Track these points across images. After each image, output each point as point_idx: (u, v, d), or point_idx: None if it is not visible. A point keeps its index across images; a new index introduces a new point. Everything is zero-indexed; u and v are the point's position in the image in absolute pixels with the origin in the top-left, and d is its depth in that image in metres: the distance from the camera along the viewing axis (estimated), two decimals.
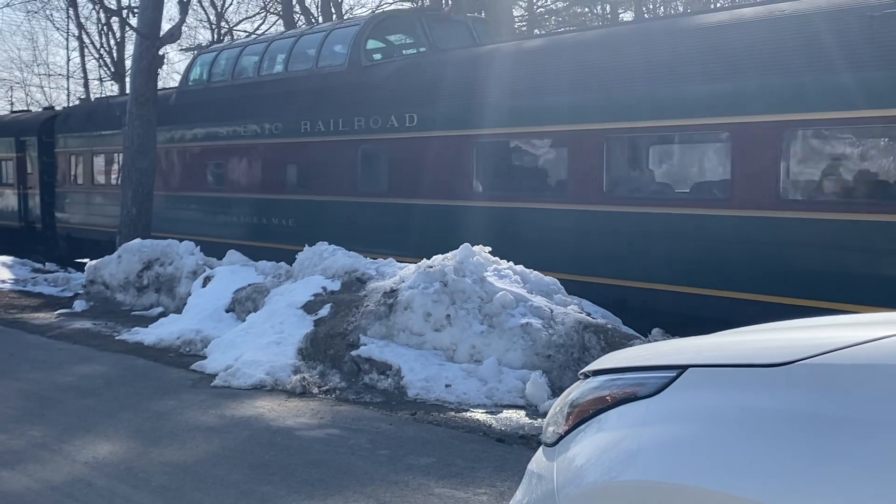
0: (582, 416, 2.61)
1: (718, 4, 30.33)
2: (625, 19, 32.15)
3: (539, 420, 7.23)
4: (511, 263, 9.60)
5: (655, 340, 8.66)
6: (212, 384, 8.50)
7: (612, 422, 2.49)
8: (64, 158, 21.28)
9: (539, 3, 31.41)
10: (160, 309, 12.81)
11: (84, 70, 39.21)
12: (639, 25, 13.71)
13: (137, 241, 14.12)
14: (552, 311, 8.67)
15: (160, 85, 16.71)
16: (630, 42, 10.60)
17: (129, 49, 26.02)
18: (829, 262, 8.37)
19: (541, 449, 2.83)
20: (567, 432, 2.63)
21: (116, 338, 11.02)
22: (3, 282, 17.02)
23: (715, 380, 2.35)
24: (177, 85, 19.91)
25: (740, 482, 2.08)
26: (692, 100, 9.35)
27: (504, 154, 12.05)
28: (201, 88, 17.18)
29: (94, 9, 31.22)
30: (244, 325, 9.93)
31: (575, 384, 2.82)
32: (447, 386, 8.04)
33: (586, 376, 2.79)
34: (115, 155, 18.95)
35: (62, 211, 21.24)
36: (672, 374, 2.43)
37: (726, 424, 2.21)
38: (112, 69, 32.47)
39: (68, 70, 44.46)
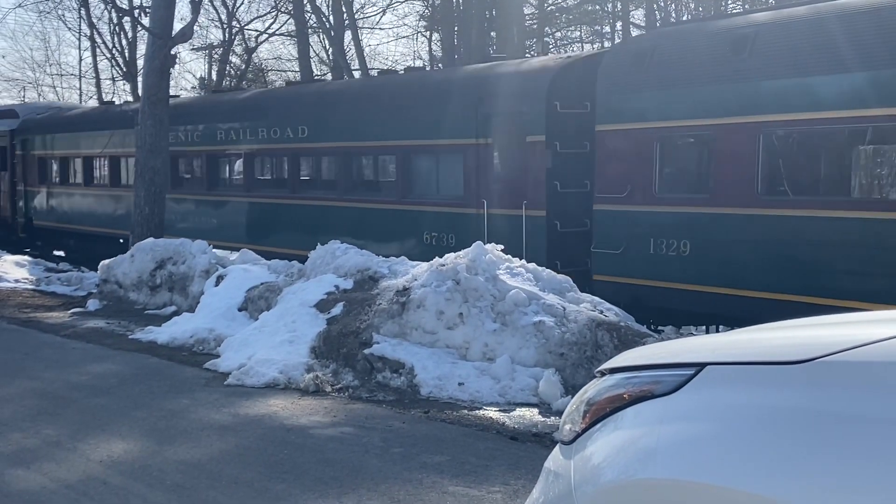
0: (598, 414, 2.61)
1: (730, 3, 30.24)
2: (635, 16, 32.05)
3: (552, 418, 7.22)
4: (523, 261, 9.54)
5: (668, 338, 8.64)
6: (225, 383, 8.52)
7: (629, 420, 2.48)
8: (626, 143, 10.65)
9: (550, 2, 31.35)
10: (173, 308, 12.84)
11: (96, 70, 39.31)
12: None
13: (150, 240, 14.16)
14: (565, 308, 8.65)
15: (172, 84, 16.74)
16: None
17: (141, 49, 26.00)
18: None
19: (557, 447, 2.82)
20: (584, 430, 2.63)
21: (130, 337, 11.05)
22: (17, 281, 17.09)
23: (733, 378, 2.34)
24: None
25: (759, 480, 2.07)
26: None
27: None
28: None
29: (105, 9, 31.27)
30: (257, 324, 9.95)
31: (591, 382, 2.81)
32: (460, 384, 8.04)
33: (602, 374, 2.78)
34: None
35: (625, 252, 10.56)
36: (689, 372, 2.42)
37: (745, 422, 2.20)
38: (124, 69, 32.52)
39: (80, 70, 44.50)
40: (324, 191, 15.30)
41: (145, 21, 16.31)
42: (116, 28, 32.45)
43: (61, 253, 22.72)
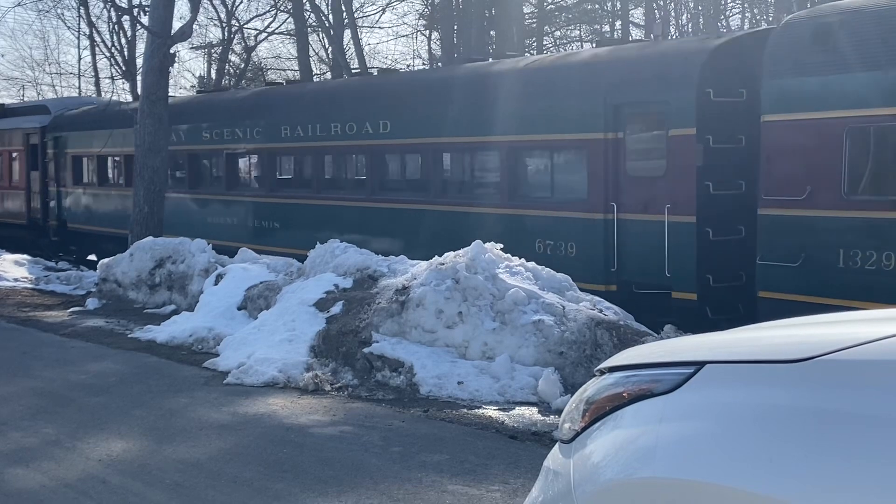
0: (598, 412, 2.60)
1: (730, 3, 30.27)
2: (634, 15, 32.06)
3: (551, 417, 7.22)
4: (523, 260, 9.55)
5: (668, 337, 8.64)
6: (224, 381, 8.51)
7: (629, 419, 2.48)
8: (803, 135, 8.97)
9: (549, 1, 31.36)
10: (172, 307, 12.84)
11: (95, 69, 39.26)
12: None
13: (149, 239, 14.15)
14: (564, 307, 8.65)
15: (171, 83, 16.67)
16: None
17: (141, 48, 25.89)
18: None
19: (557, 446, 2.81)
20: (583, 429, 2.62)
21: (129, 335, 11.04)
22: (17, 280, 17.08)
23: (733, 376, 2.33)
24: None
25: (758, 479, 2.07)
26: None
27: None
28: None
29: (105, 7, 31.23)
30: (256, 323, 9.95)
31: (591, 381, 2.81)
32: (459, 383, 8.04)
33: (602, 373, 2.77)
34: None
35: None
36: (689, 370, 2.41)
37: (744, 421, 2.20)
38: (123, 68, 32.49)
39: (79, 69, 44.46)
40: (411, 192, 13.63)
41: (144, 20, 16.29)
42: (115, 27, 32.40)
43: (94, 258, 20.65)
